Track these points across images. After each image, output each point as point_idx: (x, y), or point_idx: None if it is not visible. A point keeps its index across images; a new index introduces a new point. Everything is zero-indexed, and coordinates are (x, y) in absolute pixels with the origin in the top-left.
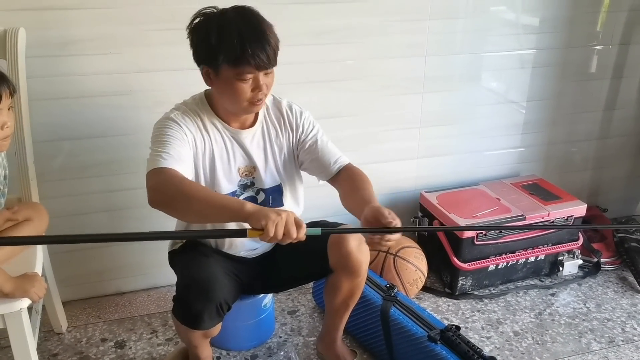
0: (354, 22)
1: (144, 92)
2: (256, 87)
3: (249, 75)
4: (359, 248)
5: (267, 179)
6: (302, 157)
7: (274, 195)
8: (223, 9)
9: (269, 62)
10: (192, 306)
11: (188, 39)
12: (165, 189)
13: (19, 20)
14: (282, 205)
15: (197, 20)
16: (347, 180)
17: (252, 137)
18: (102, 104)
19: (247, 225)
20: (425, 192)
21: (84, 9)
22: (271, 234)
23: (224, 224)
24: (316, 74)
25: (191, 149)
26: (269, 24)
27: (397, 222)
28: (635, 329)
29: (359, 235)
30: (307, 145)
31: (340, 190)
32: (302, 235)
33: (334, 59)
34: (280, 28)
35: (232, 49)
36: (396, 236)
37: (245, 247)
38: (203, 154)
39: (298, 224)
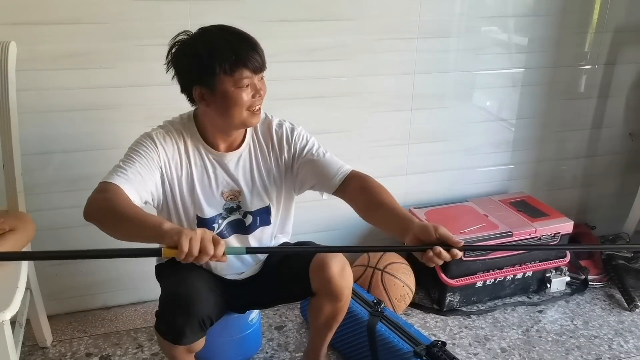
0: (345, 39)
1: (134, 107)
2: (255, 92)
3: (247, 81)
4: (341, 274)
5: (254, 201)
6: (302, 175)
7: (262, 217)
8: (200, 28)
9: (263, 63)
10: (174, 321)
11: (172, 70)
12: (98, 204)
13: (11, 34)
14: (269, 224)
15: (176, 48)
16: (363, 193)
17: (237, 160)
18: (92, 117)
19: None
20: (414, 208)
21: (77, 24)
22: (185, 249)
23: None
24: (306, 90)
25: (157, 173)
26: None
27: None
28: (622, 346)
29: (343, 260)
30: (304, 161)
31: (355, 204)
32: (220, 252)
33: (324, 76)
34: (272, 45)
35: (227, 57)
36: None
37: (233, 269)
38: (179, 178)
39: (216, 241)
